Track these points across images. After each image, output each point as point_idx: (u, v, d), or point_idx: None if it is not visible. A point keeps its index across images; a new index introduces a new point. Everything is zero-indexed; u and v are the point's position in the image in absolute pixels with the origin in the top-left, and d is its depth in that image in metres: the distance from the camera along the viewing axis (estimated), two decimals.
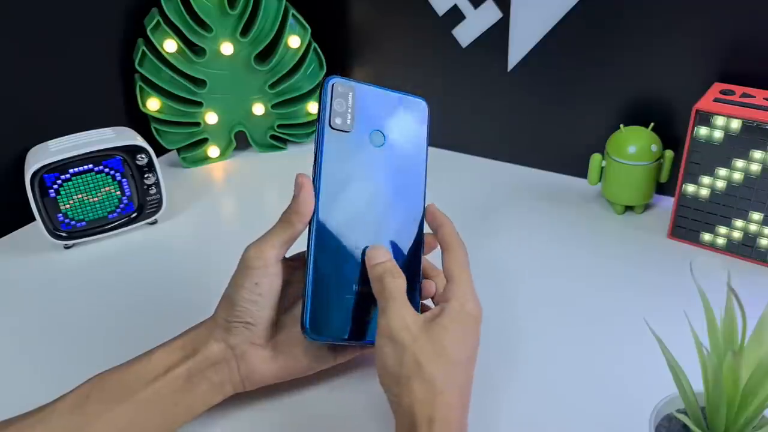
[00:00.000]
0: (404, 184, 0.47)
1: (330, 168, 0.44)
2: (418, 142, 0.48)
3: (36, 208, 0.65)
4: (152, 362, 0.43)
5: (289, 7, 0.81)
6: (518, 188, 0.79)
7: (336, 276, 0.45)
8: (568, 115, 0.78)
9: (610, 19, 0.70)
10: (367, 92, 0.46)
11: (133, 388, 0.41)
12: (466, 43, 0.80)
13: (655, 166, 0.69)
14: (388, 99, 0.47)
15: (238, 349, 0.44)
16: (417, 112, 0.48)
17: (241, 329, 0.44)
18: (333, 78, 0.45)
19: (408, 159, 0.47)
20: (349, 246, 0.45)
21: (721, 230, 0.64)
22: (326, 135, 0.44)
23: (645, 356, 0.45)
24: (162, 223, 0.73)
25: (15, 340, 0.57)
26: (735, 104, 0.61)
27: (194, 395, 0.43)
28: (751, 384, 0.34)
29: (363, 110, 0.46)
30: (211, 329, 0.44)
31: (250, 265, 0.43)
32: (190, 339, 0.44)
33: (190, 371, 0.43)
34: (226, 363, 0.44)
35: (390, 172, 0.46)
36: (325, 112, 0.44)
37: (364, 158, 0.46)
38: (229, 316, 0.44)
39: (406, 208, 0.47)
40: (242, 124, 0.87)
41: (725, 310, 0.36)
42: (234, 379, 0.45)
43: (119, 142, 0.68)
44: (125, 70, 0.81)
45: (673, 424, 0.39)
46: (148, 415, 0.41)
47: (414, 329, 0.40)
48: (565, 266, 0.64)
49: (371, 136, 0.46)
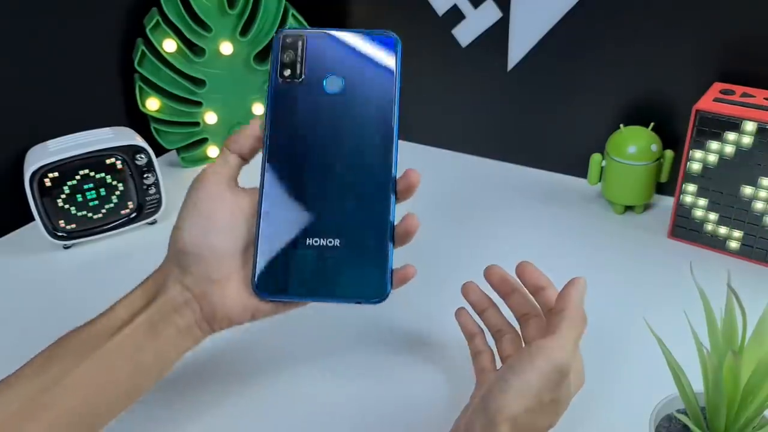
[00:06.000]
0: (370, 134, 0.43)
1: (279, 119, 0.43)
2: (387, 81, 0.44)
3: (35, 208, 0.65)
4: (114, 315, 0.41)
5: (288, 6, 0.81)
6: (518, 188, 0.78)
7: (288, 230, 0.42)
8: (568, 115, 0.78)
9: (610, 19, 0.70)
10: (322, 38, 0.44)
11: (96, 342, 0.40)
12: (466, 43, 0.80)
13: (655, 166, 0.69)
14: (349, 41, 0.44)
15: (196, 287, 0.41)
16: (384, 49, 0.44)
17: (193, 264, 0.41)
18: (282, 30, 0.44)
19: (374, 105, 0.43)
20: (303, 197, 0.43)
21: (721, 230, 0.64)
22: (275, 87, 0.43)
23: (645, 356, 0.45)
24: (161, 223, 0.73)
25: (15, 340, 0.57)
26: (735, 104, 0.61)
27: (162, 342, 0.41)
28: (751, 384, 0.34)
29: (315, 58, 0.43)
30: (167, 272, 0.42)
31: (190, 187, 0.43)
32: (148, 287, 0.42)
33: (152, 318, 0.41)
34: (188, 305, 0.42)
35: (351, 120, 0.43)
36: (273, 65, 0.43)
37: (318, 107, 0.43)
38: (177, 246, 0.42)
39: (372, 160, 0.43)
40: (242, 123, 0.87)
41: (725, 310, 0.36)
42: (199, 321, 0.42)
43: (118, 142, 0.68)
44: (125, 69, 0.81)
45: (673, 424, 0.39)
46: (115, 367, 0.40)
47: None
48: (565, 266, 0.63)
49: (326, 84, 0.43)
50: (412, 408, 0.48)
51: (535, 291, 0.45)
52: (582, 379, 0.41)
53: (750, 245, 0.63)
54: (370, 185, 0.43)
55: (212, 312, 0.42)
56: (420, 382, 0.51)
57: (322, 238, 0.42)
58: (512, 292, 0.46)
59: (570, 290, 0.41)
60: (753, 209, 0.62)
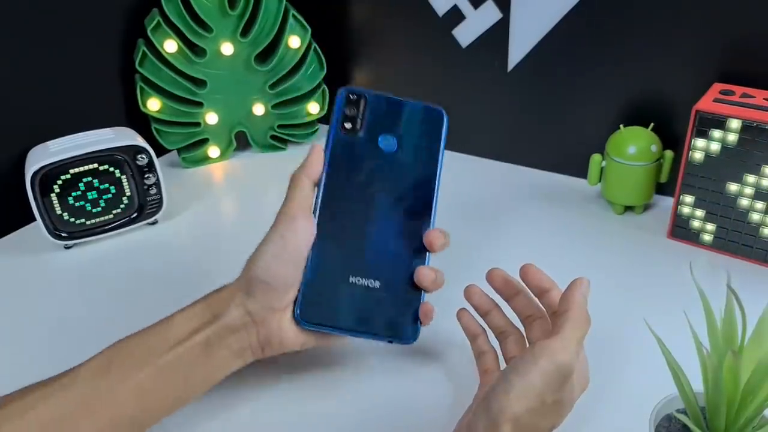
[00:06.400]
0: (414, 189, 0.48)
1: (336, 166, 0.47)
2: (433, 149, 0.49)
3: (36, 208, 0.65)
4: (173, 328, 0.42)
5: (289, 7, 0.81)
6: (518, 188, 0.79)
7: (333, 267, 0.46)
8: (568, 115, 0.78)
9: (610, 19, 0.70)
10: (381, 99, 0.48)
11: (155, 353, 0.41)
12: (466, 44, 0.80)
13: (655, 167, 0.69)
14: (405, 106, 0.49)
15: (257, 315, 0.43)
16: (434, 120, 0.49)
17: (260, 292, 0.43)
18: (346, 88, 0.47)
19: (420, 165, 0.48)
20: (350, 240, 0.46)
21: (721, 230, 0.64)
22: (334, 137, 0.47)
23: (645, 356, 0.45)
24: (162, 223, 0.73)
25: (16, 340, 0.57)
26: (735, 104, 0.61)
27: (214, 362, 0.43)
28: (751, 384, 0.34)
29: (375, 115, 0.48)
30: (233, 294, 0.44)
31: (278, 219, 0.44)
32: (210, 304, 0.44)
33: (209, 338, 0.42)
34: (245, 329, 0.43)
35: (399, 176, 0.48)
36: (335, 117, 0.47)
37: (372, 161, 0.47)
38: (250, 272, 0.43)
39: (414, 213, 0.48)
40: (242, 124, 0.87)
41: (725, 310, 0.36)
42: (254, 346, 0.44)
43: (119, 143, 0.68)
44: (125, 70, 0.82)
45: (673, 424, 0.39)
46: (169, 381, 0.41)
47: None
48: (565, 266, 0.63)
49: (382, 140, 0.48)
50: (415, 409, 0.48)
51: (540, 293, 0.45)
52: (587, 381, 0.42)
53: (750, 245, 0.63)
54: (410, 237, 0.48)
55: (267, 338, 0.44)
56: (423, 382, 0.51)
57: (364, 278, 0.46)
58: (516, 294, 0.47)
59: (573, 291, 0.41)
60: (753, 209, 0.62)
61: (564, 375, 0.37)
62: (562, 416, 0.39)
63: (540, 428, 0.38)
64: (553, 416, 0.38)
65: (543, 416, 0.37)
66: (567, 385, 0.38)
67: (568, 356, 0.37)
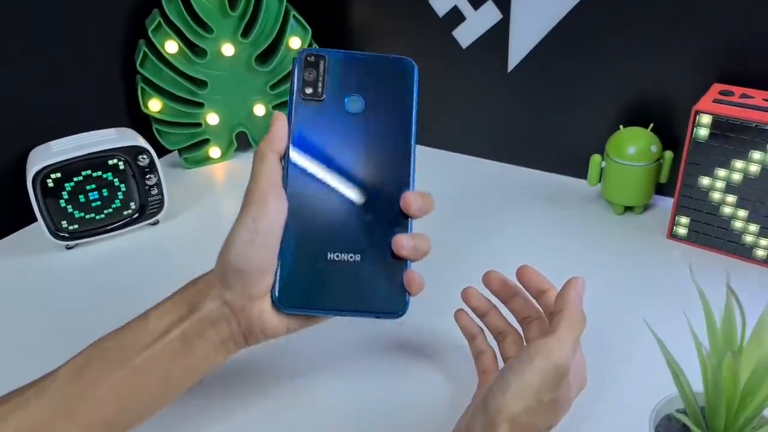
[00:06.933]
0: (389, 152, 0.45)
1: (301, 136, 0.44)
2: (405, 105, 0.46)
3: (38, 208, 0.65)
4: (149, 324, 0.41)
5: (289, 8, 0.81)
6: (518, 189, 0.79)
7: (309, 245, 0.43)
8: (567, 115, 0.78)
9: (610, 20, 0.71)
10: (343, 58, 0.45)
11: (130, 352, 0.40)
12: (466, 44, 0.80)
13: (655, 167, 0.69)
14: (368, 63, 0.45)
15: (236, 304, 0.41)
16: (403, 73, 0.46)
17: (236, 280, 0.41)
18: (305, 50, 0.44)
19: (393, 124, 0.45)
20: (324, 214, 0.43)
21: (720, 230, 0.64)
22: (296, 105, 0.44)
23: (645, 356, 0.45)
24: (163, 223, 0.73)
25: (16, 341, 0.57)
26: (734, 105, 0.61)
27: (194, 356, 0.41)
28: (751, 384, 0.35)
29: (336, 77, 0.44)
30: (209, 284, 0.42)
31: (247, 199, 0.42)
32: (186, 297, 0.42)
33: (186, 333, 0.41)
34: (225, 320, 0.42)
35: (371, 139, 0.44)
36: (294, 84, 0.44)
37: (339, 125, 0.44)
38: (224, 261, 0.41)
39: (391, 178, 0.44)
40: (243, 124, 0.87)
41: (725, 310, 0.36)
42: (236, 336, 0.42)
43: (121, 143, 0.68)
44: (126, 71, 0.82)
45: (672, 424, 0.39)
46: (147, 380, 0.40)
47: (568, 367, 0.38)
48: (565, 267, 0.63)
49: (347, 103, 0.44)
50: (414, 409, 0.48)
51: (537, 294, 0.45)
52: (584, 380, 0.42)
53: (750, 246, 0.63)
54: (388, 203, 0.44)
55: (249, 327, 0.42)
56: (422, 383, 0.51)
57: (343, 253, 0.43)
58: (514, 296, 0.46)
59: (568, 290, 0.41)
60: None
61: (560, 374, 0.37)
62: (559, 415, 0.39)
63: (537, 427, 0.38)
64: (550, 415, 0.38)
65: (540, 415, 0.37)
66: (563, 384, 0.38)
67: (564, 355, 0.37)
